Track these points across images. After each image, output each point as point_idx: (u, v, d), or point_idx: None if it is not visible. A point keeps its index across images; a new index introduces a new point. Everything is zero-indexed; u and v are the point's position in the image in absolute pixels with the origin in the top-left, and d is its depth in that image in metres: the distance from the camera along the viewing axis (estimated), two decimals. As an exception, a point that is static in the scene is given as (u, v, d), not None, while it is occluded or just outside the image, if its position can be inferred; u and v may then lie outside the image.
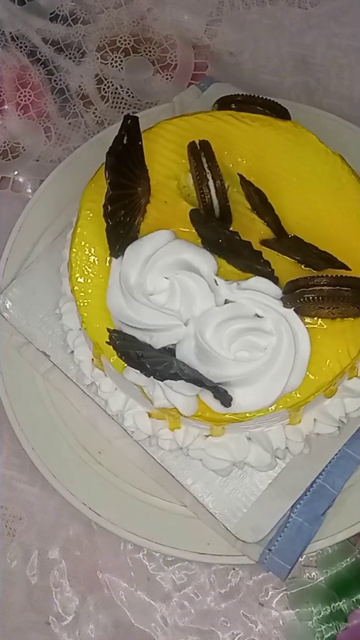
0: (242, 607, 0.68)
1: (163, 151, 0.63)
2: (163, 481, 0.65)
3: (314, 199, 0.61)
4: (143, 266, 0.56)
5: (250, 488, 0.63)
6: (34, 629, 0.68)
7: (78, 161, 0.78)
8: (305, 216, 0.60)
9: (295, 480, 0.63)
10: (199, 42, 0.89)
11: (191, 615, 0.68)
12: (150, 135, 0.63)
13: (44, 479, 0.68)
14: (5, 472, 0.72)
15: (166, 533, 0.66)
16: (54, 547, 0.70)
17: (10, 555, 0.70)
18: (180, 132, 0.63)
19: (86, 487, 0.67)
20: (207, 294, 0.55)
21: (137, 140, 0.57)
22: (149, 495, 0.67)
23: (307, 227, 0.59)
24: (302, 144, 0.63)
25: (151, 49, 0.89)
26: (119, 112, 0.86)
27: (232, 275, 0.58)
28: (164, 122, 0.65)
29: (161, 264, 0.56)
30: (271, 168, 0.62)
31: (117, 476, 0.67)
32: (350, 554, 0.67)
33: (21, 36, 0.90)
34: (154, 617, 0.68)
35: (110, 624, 0.68)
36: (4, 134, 0.86)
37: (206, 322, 0.55)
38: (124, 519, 0.66)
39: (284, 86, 0.86)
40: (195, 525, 0.65)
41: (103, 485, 0.67)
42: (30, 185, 0.84)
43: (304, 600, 0.67)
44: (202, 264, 0.56)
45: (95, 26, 0.90)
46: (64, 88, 0.88)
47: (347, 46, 0.88)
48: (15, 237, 0.75)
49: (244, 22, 0.89)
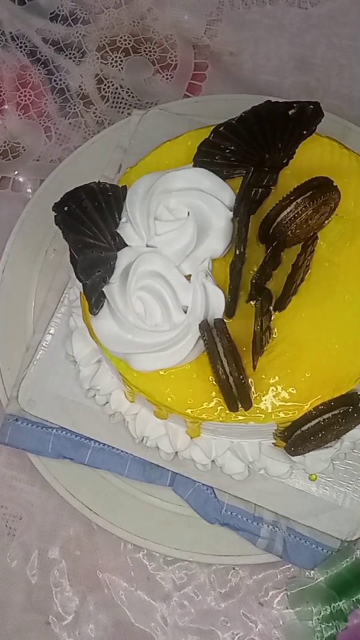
0: (242, 607, 0.68)
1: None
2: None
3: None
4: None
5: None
6: (34, 628, 0.68)
7: (78, 161, 0.78)
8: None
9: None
10: (199, 42, 0.89)
11: (191, 614, 0.68)
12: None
13: (43, 479, 0.68)
14: (5, 472, 0.72)
15: (166, 533, 0.66)
16: (54, 547, 0.70)
17: (10, 555, 0.70)
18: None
19: (86, 487, 0.67)
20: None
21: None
22: (149, 496, 0.67)
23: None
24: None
25: (151, 49, 0.89)
26: (119, 112, 0.86)
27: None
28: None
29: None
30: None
31: (117, 476, 0.67)
32: (350, 554, 0.67)
33: (21, 36, 0.90)
34: (154, 616, 0.68)
35: (110, 623, 0.68)
36: (4, 134, 0.87)
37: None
38: (124, 519, 0.66)
39: (284, 86, 0.86)
40: (195, 525, 0.66)
41: (103, 485, 0.67)
42: (30, 185, 0.84)
43: (304, 600, 0.67)
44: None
45: (95, 26, 0.90)
46: (64, 88, 0.88)
47: (347, 46, 0.88)
48: (15, 237, 0.76)
49: (244, 22, 0.89)
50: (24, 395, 0.68)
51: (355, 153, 0.63)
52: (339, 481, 0.65)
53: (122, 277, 0.57)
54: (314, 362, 0.57)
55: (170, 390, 0.57)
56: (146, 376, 0.57)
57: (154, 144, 0.65)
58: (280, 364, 0.57)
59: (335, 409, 0.55)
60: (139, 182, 0.59)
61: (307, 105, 0.56)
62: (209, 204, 0.57)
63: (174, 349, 0.56)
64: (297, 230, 0.56)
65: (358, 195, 0.61)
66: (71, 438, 0.68)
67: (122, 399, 0.64)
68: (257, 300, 0.55)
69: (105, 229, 0.57)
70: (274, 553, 0.65)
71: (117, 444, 0.67)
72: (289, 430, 0.57)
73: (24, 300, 0.74)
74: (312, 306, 0.58)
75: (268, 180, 0.60)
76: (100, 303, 0.57)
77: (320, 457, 0.62)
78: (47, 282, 0.73)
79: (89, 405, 0.67)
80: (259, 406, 0.56)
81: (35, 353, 0.70)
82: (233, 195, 0.58)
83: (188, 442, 0.62)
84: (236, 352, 0.53)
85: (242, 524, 0.65)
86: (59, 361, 0.69)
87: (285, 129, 0.57)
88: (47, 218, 0.58)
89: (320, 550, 0.65)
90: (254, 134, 0.57)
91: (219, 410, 0.56)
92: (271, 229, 0.57)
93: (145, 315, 0.56)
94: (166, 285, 0.55)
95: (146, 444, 0.64)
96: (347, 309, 0.58)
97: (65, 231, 0.56)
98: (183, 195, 0.58)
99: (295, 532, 0.65)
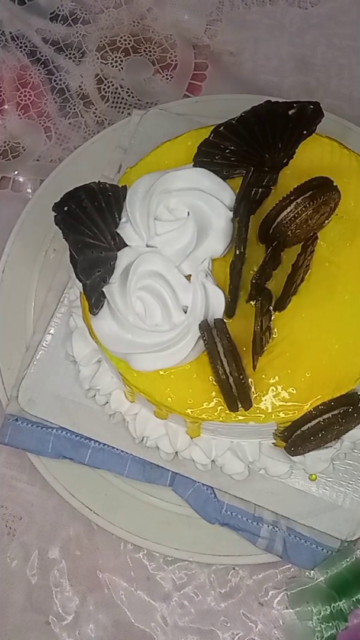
0: (242, 607, 0.68)
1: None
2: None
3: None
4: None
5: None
6: (34, 628, 0.68)
7: (78, 161, 0.78)
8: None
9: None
10: (199, 42, 0.89)
11: (191, 614, 0.68)
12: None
13: (43, 479, 0.68)
14: (5, 472, 0.72)
15: (166, 533, 0.66)
16: (54, 547, 0.70)
17: (10, 555, 0.70)
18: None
19: (86, 487, 0.67)
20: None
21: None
22: (149, 496, 0.67)
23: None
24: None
25: (151, 49, 0.89)
26: (119, 112, 0.86)
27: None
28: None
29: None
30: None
31: (117, 476, 0.67)
32: (350, 554, 0.67)
33: (21, 36, 0.90)
34: (154, 616, 0.68)
35: (110, 623, 0.68)
36: (4, 134, 0.87)
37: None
38: (124, 519, 0.66)
39: (284, 86, 0.86)
40: (195, 525, 0.66)
41: (103, 485, 0.67)
42: (30, 185, 0.84)
43: (304, 600, 0.67)
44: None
45: (95, 26, 0.90)
46: (64, 88, 0.88)
47: (347, 46, 0.88)
48: (15, 237, 0.76)
49: (244, 22, 0.89)
50: (24, 395, 0.68)
51: (355, 153, 0.63)
52: (339, 481, 0.65)
53: (122, 277, 0.57)
54: (314, 362, 0.57)
55: (170, 390, 0.57)
56: (146, 376, 0.57)
57: (154, 144, 0.65)
58: (280, 364, 0.57)
59: (335, 409, 0.55)
60: (139, 182, 0.59)
61: (307, 105, 0.56)
62: (209, 204, 0.57)
63: (174, 349, 0.56)
64: (297, 230, 0.56)
65: (358, 195, 0.61)
66: (71, 438, 0.68)
67: (122, 399, 0.64)
68: (257, 300, 0.55)
69: (105, 229, 0.57)
70: (274, 553, 0.65)
71: (117, 444, 0.67)
72: (289, 430, 0.57)
73: (24, 300, 0.74)
74: (312, 306, 0.58)
75: (268, 180, 0.60)
76: (100, 303, 0.57)
77: (320, 457, 0.62)
78: (47, 282, 0.73)
79: (89, 405, 0.67)
80: (259, 406, 0.56)
81: (35, 353, 0.70)
82: (233, 195, 0.58)
83: (188, 442, 0.62)
84: (236, 352, 0.53)
85: (242, 524, 0.65)
86: (59, 361, 0.69)
87: (285, 129, 0.57)
88: (47, 218, 0.58)
89: (320, 550, 0.65)
90: (254, 134, 0.57)
91: (219, 410, 0.56)
92: (271, 229, 0.56)
93: (145, 315, 0.56)
94: (166, 285, 0.55)
95: (146, 444, 0.64)
96: (347, 309, 0.58)
97: (65, 231, 0.56)
98: (183, 195, 0.58)
99: (295, 532, 0.65)
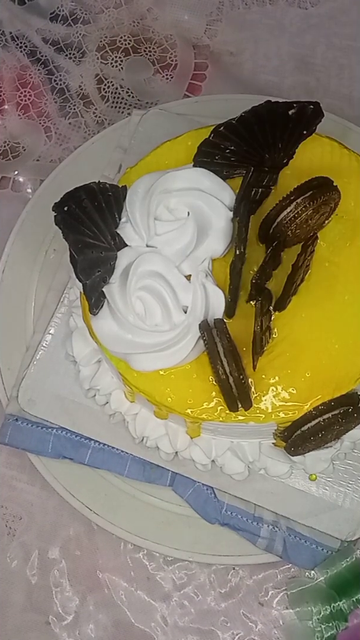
0: (242, 607, 0.68)
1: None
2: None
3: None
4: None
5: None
6: (34, 628, 0.68)
7: (78, 161, 0.78)
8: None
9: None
10: (199, 42, 0.89)
11: (191, 614, 0.68)
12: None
13: (43, 479, 0.68)
14: (5, 472, 0.72)
15: (166, 533, 0.66)
16: (54, 547, 0.70)
17: (10, 555, 0.70)
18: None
19: (86, 487, 0.67)
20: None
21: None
22: (149, 496, 0.67)
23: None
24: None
25: (151, 49, 0.89)
26: (119, 112, 0.86)
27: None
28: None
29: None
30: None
31: (117, 476, 0.67)
32: (350, 554, 0.67)
33: (21, 36, 0.90)
34: (154, 616, 0.68)
35: (110, 623, 0.68)
36: (4, 134, 0.87)
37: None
38: (124, 519, 0.66)
39: (284, 86, 0.86)
40: (195, 525, 0.66)
41: (103, 485, 0.67)
42: (30, 185, 0.84)
43: (304, 600, 0.67)
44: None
45: (95, 26, 0.90)
46: (64, 88, 0.88)
47: (347, 46, 0.88)
48: (15, 237, 0.76)
49: (244, 22, 0.89)
50: (24, 395, 0.68)
51: (355, 153, 0.63)
52: (339, 481, 0.65)
53: (122, 277, 0.57)
54: (314, 362, 0.57)
55: (170, 390, 0.57)
56: (146, 376, 0.57)
57: (154, 144, 0.65)
58: (280, 364, 0.57)
59: (335, 409, 0.55)
60: (139, 182, 0.59)
61: (307, 105, 0.56)
62: (209, 204, 0.57)
63: (174, 349, 0.56)
64: (297, 230, 0.56)
65: (358, 195, 0.61)
66: (71, 438, 0.68)
67: (122, 399, 0.64)
68: (257, 300, 0.55)
69: (105, 229, 0.57)
70: (274, 553, 0.65)
71: (117, 444, 0.67)
72: (289, 430, 0.57)
73: (24, 300, 0.74)
74: (312, 306, 0.58)
75: (268, 180, 0.60)
76: (100, 303, 0.57)
77: (320, 457, 0.62)
78: (47, 282, 0.73)
79: (89, 405, 0.67)
80: (259, 406, 0.56)
81: (35, 353, 0.70)
82: (233, 195, 0.58)
83: (188, 442, 0.62)
84: (236, 352, 0.53)
85: (242, 524, 0.65)
86: (59, 361, 0.69)
87: (285, 129, 0.57)
88: (47, 218, 0.58)
89: (320, 550, 0.65)
90: (254, 134, 0.57)
91: (219, 410, 0.56)
92: (271, 229, 0.56)
93: (145, 315, 0.56)
94: (166, 285, 0.55)
95: (146, 444, 0.64)
96: (347, 309, 0.58)
97: (65, 231, 0.56)
98: (183, 195, 0.58)
99: (295, 532, 0.65)
